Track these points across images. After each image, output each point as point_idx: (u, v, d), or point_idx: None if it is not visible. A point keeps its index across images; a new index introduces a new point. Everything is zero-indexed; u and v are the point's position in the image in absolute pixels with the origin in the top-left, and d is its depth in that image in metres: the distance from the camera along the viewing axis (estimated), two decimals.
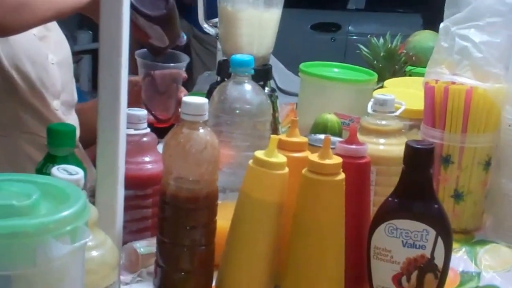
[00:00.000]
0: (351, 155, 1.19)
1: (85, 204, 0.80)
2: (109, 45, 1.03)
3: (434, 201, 1.17)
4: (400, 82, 1.88)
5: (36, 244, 0.75)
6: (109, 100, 1.03)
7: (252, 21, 1.63)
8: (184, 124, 1.12)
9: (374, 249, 1.17)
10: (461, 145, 1.45)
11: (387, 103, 1.37)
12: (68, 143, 1.13)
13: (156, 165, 1.30)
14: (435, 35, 2.20)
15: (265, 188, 1.15)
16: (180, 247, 1.14)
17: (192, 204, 1.13)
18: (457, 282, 1.29)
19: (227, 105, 1.33)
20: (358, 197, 1.20)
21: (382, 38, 2.04)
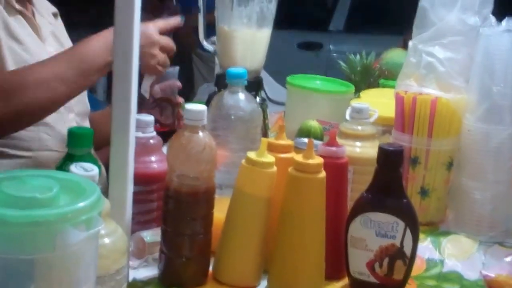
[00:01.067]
0: (331, 156, 1.19)
1: (99, 196, 0.80)
2: (121, 63, 1.03)
3: (403, 196, 1.17)
4: (374, 93, 1.88)
5: (55, 232, 0.75)
6: (121, 108, 1.03)
7: (246, 39, 1.63)
8: (186, 128, 1.12)
9: (350, 238, 1.17)
10: (427, 148, 1.45)
11: (362, 111, 1.37)
12: (85, 144, 1.13)
13: (161, 164, 1.29)
14: (405, 52, 2.20)
15: (256, 184, 1.15)
16: (181, 236, 1.14)
17: (193, 198, 1.12)
18: (423, 268, 1.29)
19: (224, 112, 1.33)
20: (337, 193, 1.20)
21: (359, 55, 2.04)
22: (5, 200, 0.76)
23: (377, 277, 1.16)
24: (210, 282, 1.17)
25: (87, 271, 0.82)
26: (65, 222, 0.75)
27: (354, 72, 2.02)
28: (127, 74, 1.03)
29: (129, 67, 1.03)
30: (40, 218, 0.74)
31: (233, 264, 1.17)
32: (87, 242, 0.79)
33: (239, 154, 1.30)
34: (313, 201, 1.13)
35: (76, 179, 0.84)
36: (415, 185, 1.47)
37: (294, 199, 1.13)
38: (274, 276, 1.16)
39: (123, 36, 1.03)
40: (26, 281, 0.78)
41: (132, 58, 1.03)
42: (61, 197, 0.79)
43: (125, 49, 1.03)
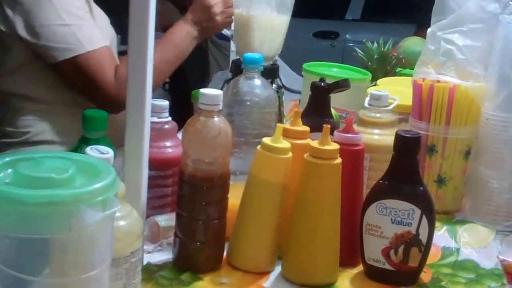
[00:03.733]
0: (347, 143, 1.20)
1: (115, 178, 0.81)
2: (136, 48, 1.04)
3: (420, 184, 1.17)
4: (391, 81, 1.88)
5: (71, 212, 0.76)
6: (137, 93, 1.04)
7: (264, 25, 1.63)
8: (201, 112, 1.12)
9: (366, 225, 1.18)
10: (445, 136, 1.45)
11: (381, 98, 1.37)
12: (100, 127, 1.14)
13: (176, 149, 1.30)
14: (423, 41, 2.19)
15: (271, 170, 1.15)
16: (196, 221, 1.14)
17: (207, 183, 1.13)
18: (439, 256, 1.30)
19: (239, 98, 1.33)
20: (352, 180, 1.20)
21: (376, 43, 2.04)
22: (21, 180, 0.77)
23: (392, 264, 1.16)
24: (224, 267, 1.18)
25: (103, 253, 0.83)
26: (81, 202, 0.76)
27: (371, 60, 2.02)
28: (142, 57, 1.03)
29: (144, 52, 1.03)
30: (56, 198, 0.75)
31: (247, 250, 1.18)
32: (103, 223, 0.80)
33: (254, 140, 1.30)
34: (329, 187, 1.13)
35: (92, 161, 0.85)
36: (431, 173, 1.47)
37: (309, 185, 1.14)
38: (288, 262, 1.17)
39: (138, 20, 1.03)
40: (41, 261, 0.79)
41: (148, 45, 1.03)
42: (77, 178, 0.80)
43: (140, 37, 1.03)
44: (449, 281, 1.21)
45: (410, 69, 2.02)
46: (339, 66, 1.90)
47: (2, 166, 0.80)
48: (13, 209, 0.74)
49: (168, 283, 1.11)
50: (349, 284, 1.17)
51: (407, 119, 1.53)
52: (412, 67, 1.67)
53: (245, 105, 1.33)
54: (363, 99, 1.42)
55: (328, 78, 1.44)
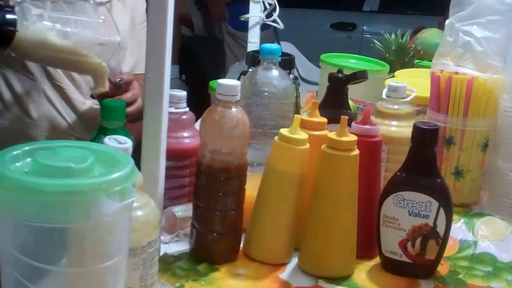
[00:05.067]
0: (365, 134, 1.19)
1: (133, 168, 0.81)
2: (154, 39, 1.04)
3: (438, 176, 1.16)
4: (408, 73, 1.86)
5: (90, 201, 0.76)
6: (155, 83, 1.03)
7: None
8: (219, 103, 1.12)
9: (383, 217, 1.17)
10: (462, 128, 1.44)
11: (399, 89, 1.37)
12: (119, 117, 1.14)
13: (193, 140, 1.30)
14: (440, 32, 2.18)
15: (289, 161, 1.15)
16: (213, 211, 1.14)
17: (225, 174, 1.13)
18: (456, 249, 1.29)
19: (257, 88, 1.32)
20: (370, 171, 1.20)
21: (394, 35, 2.02)
22: (39, 169, 0.77)
23: (409, 256, 1.16)
24: (240, 258, 1.18)
25: (120, 243, 0.83)
26: (99, 192, 0.76)
27: (389, 51, 2.00)
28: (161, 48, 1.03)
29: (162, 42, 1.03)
30: (75, 187, 0.74)
31: (264, 241, 1.17)
32: (121, 212, 0.80)
33: (271, 131, 1.29)
34: (346, 178, 1.13)
35: (110, 151, 0.84)
36: (449, 165, 1.46)
37: (326, 176, 1.13)
38: (305, 253, 1.16)
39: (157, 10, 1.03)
40: (59, 250, 0.79)
41: (166, 35, 1.03)
42: (95, 168, 0.80)
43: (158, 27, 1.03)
44: (466, 274, 1.20)
45: (428, 60, 2.01)
46: (357, 57, 1.89)
47: (21, 155, 0.80)
48: (31, 198, 0.74)
49: (185, 274, 1.11)
50: (365, 276, 1.16)
51: (424, 110, 1.52)
52: (430, 59, 1.65)
53: (263, 96, 1.32)
54: (381, 91, 1.41)
55: (346, 69, 1.44)
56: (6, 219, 0.78)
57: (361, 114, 1.54)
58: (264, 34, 2.17)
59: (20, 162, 0.80)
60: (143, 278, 0.97)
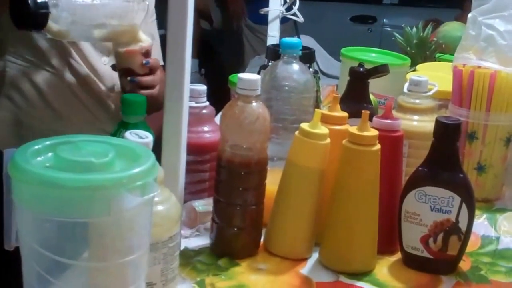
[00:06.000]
0: (386, 129, 1.18)
1: (154, 163, 0.81)
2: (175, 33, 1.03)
3: (460, 171, 1.15)
4: (430, 67, 1.85)
5: (111, 196, 0.76)
6: (175, 77, 1.03)
7: None
8: (239, 97, 1.12)
9: (405, 212, 1.16)
10: (485, 123, 1.43)
11: (421, 84, 1.36)
12: (139, 112, 1.14)
13: (213, 134, 1.30)
14: (462, 26, 2.16)
15: (309, 156, 1.15)
16: (233, 206, 1.14)
17: (245, 169, 1.13)
18: (478, 244, 1.28)
19: (277, 83, 1.32)
20: (391, 166, 1.19)
21: (415, 28, 2.01)
22: (60, 164, 0.78)
23: (431, 252, 1.15)
24: (261, 253, 1.18)
25: (141, 237, 0.83)
26: (120, 187, 0.76)
27: (410, 45, 1.99)
28: (181, 42, 1.03)
29: (183, 36, 1.03)
30: (96, 182, 0.75)
31: (285, 236, 1.17)
32: (142, 207, 0.80)
33: (291, 125, 1.29)
34: (367, 173, 1.12)
35: (131, 146, 0.84)
36: (471, 160, 1.45)
37: (348, 171, 1.13)
38: (326, 248, 1.16)
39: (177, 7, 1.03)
40: (81, 245, 0.79)
41: (186, 30, 1.03)
42: (116, 163, 0.80)
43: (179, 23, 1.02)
44: (488, 270, 1.19)
45: (449, 54, 1.99)
46: (378, 51, 1.87)
47: (42, 150, 0.80)
48: (53, 193, 0.74)
49: (205, 268, 1.11)
50: (387, 272, 1.16)
51: (446, 105, 1.51)
52: (452, 53, 1.64)
53: (283, 90, 1.31)
54: (402, 85, 1.41)
55: (367, 63, 1.43)
56: (27, 214, 0.78)
57: (382, 108, 1.53)
58: (283, 27, 2.16)
59: (42, 156, 0.80)
60: (164, 273, 0.97)
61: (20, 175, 0.75)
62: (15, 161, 0.76)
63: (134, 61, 1.42)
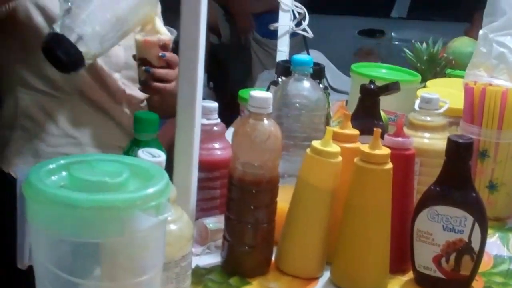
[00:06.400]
0: (398, 147, 1.18)
1: (167, 183, 0.81)
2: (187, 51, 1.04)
3: (472, 190, 1.15)
4: (440, 83, 1.85)
5: (124, 217, 0.76)
6: (187, 93, 1.04)
7: None
8: (250, 115, 1.12)
9: (417, 232, 1.16)
10: (497, 141, 1.43)
11: (432, 101, 1.36)
12: (151, 129, 1.14)
13: (224, 151, 1.30)
14: (472, 41, 2.17)
15: (321, 174, 1.15)
16: (245, 224, 1.14)
17: (256, 187, 1.13)
18: (491, 264, 1.28)
19: (288, 100, 1.32)
20: (403, 184, 1.19)
21: (425, 43, 2.01)
22: (75, 183, 0.78)
23: (443, 272, 1.15)
24: (272, 271, 1.18)
25: (154, 258, 0.83)
26: (134, 207, 0.76)
27: (420, 61, 1.99)
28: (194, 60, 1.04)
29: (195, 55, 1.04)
30: (110, 202, 0.75)
31: (296, 255, 1.17)
32: (156, 228, 0.80)
33: (302, 143, 1.29)
34: (379, 192, 1.12)
35: (144, 165, 0.85)
36: (483, 178, 1.45)
37: (359, 190, 1.13)
38: (337, 267, 1.16)
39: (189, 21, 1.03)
40: (94, 264, 0.79)
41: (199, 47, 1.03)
42: (130, 182, 0.80)
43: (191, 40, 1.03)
44: None
45: (459, 70, 2.00)
46: (388, 67, 1.88)
47: (57, 169, 0.81)
48: (67, 213, 0.75)
49: (217, 287, 1.11)
50: None
51: (457, 122, 1.51)
52: (462, 68, 1.64)
53: (295, 107, 1.32)
54: (413, 101, 1.41)
55: (377, 79, 1.43)
56: (41, 233, 0.79)
57: (392, 125, 1.53)
58: (292, 41, 2.17)
59: (56, 176, 0.81)
60: None
61: (34, 195, 0.76)
62: (29, 180, 0.77)
63: (151, 52, 1.44)
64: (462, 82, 1.52)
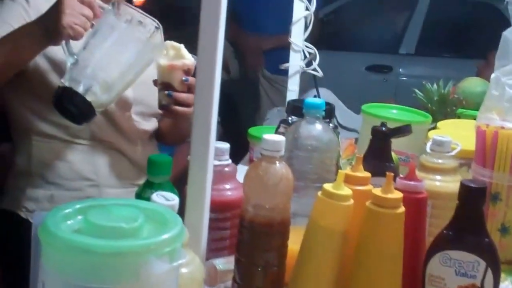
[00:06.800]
0: (410, 190, 1.19)
1: (182, 228, 0.82)
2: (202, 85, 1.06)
3: (485, 235, 1.15)
4: (452, 124, 1.85)
5: (139, 262, 0.77)
6: (201, 137, 1.05)
7: None
8: (263, 158, 1.13)
9: (429, 276, 1.16)
10: (509, 184, 1.43)
11: (444, 144, 1.36)
12: (165, 172, 1.15)
13: (235, 192, 1.31)
14: (482, 81, 2.18)
15: (332, 217, 1.15)
16: (255, 267, 1.14)
17: (267, 229, 1.13)
18: None
19: (300, 142, 1.33)
20: (415, 228, 1.19)
21: (436, 84, 2.03)
22: (91, 229, 0.79)
23: None
24: None
25: None
26: (149, 253, 0.77)
27: (430, 101, 2.00)
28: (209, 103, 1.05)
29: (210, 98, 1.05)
30: (126, 248, 0.76)
31: None
32: (169, 273, 0.80)
33: (314, 184, 1.30)
34: (391, 236, 1.12)
35: (159, 210, 0.86)
36: (495, 222, 1.45)
37: (371, 233, 1.13)
38: None
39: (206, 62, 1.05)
40: None
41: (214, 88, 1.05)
42: (145, 227, 0.81)
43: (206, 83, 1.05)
44: None
45: (470, 109, 2.01)
46: (399, 107, 1.89)
47: (73, 213, 0.82)
48: (82, 259, 0.76)
49: None
50: None
51: (468, 163, 1.51)
52: (472, 108, 1.65)
53: (306, 149, 1.32)
54: (423, 142, 1.42)
55: (388, 120, 1.44)
56: (55, 277, 0.79)
57: (403, 165, 1.54)
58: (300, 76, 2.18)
59: (72, 220, 0.81)
60: None
61: (49, 239, 0.77)
62: (45, 225, 0.77)
63: (175, 77, 1.47)
64: (473, 124, 1.52)
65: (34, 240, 0.80)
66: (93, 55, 1.34)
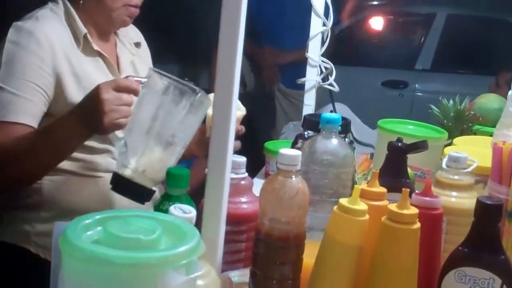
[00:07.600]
0: (426, 206, 1.19)
1: (199, 241, 0.83)
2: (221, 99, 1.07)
3: (501, 252, 1.15)
4: (468, 140, 1.85)
5: (156, 274, 0.78)
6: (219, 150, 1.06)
7: None
8: (279, 172, 1.13)
9: None
10: None
11: (460, 160, 1.36)
12: (183, 185, 1.16)
13: (251, 205, 1.31)
14: (498, 97, 2.18)
15: (348, 232, 1.15)
16: (270, 280, 1.15)
17: (283, 243, 1.14)
18: None
19: (316, 157, 1.33)
20: (430, 244, 1.19)
21: (452, 100, 2.03)
22: (109, 240, 0.80)
23: None
24: None
25: None
26: (166, 265, 0.78)
27: (447, 117, 2.00)
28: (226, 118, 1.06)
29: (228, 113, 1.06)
30: (144, 260, 0.77)
31: None
32: (186, 285, 0.81)
33: (330, 199, 1.30)
34: (406, 252, 1.12)
35: (177, 222, 0.87)
36: (511, 239, 1.44)
37: (386, 249, 1.13)
38: None
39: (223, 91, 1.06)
40: None
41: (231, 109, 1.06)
42: (162, 239, 0.82)
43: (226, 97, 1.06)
44: None
45: (487, 126, 2.01)
46: (415, 123, 1.89)
47: (92, 224, 0.83)
48: (101, 269, 0.77)
49: None
50: None
51: (483, 180, 1.50)
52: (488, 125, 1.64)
53: (322, 164, 1.33)
54: (439, 158, 1.42)
55: (404, 136, 1.44)
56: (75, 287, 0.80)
57: (419, 181, 1.54)
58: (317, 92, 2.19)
59: (91, 231, 0.82)
60: None
61: (69, 250, 0.78)
62: (65, 235, 0.78)
63: None
64: (489, 140, 1.52)
65: (54, 250, 0.81)
66: (140, 136, 1.31)
